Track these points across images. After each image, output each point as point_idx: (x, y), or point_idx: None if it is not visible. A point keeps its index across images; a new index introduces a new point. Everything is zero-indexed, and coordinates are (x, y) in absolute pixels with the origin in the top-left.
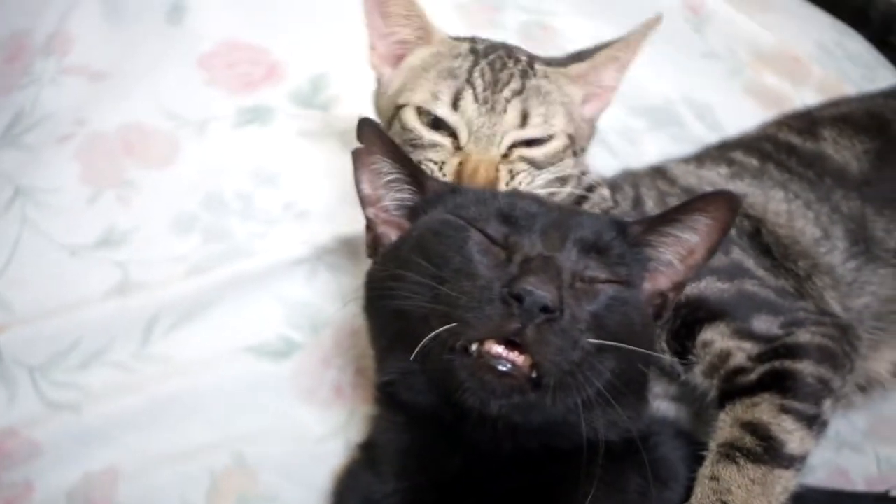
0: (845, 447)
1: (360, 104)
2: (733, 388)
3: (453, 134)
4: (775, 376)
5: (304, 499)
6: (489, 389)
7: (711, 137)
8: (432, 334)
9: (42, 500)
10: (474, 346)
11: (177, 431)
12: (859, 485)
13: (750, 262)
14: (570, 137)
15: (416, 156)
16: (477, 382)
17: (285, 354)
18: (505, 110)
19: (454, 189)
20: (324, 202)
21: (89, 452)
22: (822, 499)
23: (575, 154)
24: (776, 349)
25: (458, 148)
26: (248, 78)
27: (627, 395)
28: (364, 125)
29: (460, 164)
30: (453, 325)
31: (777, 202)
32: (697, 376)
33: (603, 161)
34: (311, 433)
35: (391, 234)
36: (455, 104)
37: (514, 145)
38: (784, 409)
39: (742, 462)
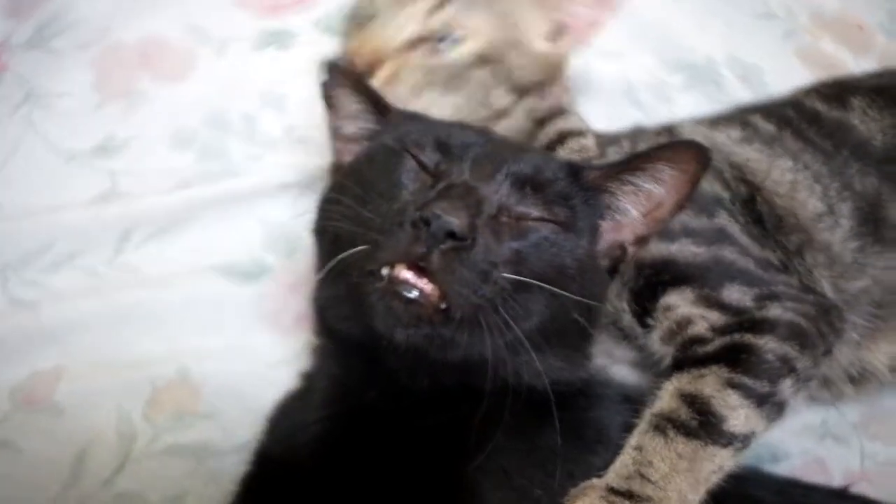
0: (829, 437)
1: None
2: (686, 358)
3: None
4: (732, 349)
5: (241, 420)
6: (395, 316)
7: None
8: (342, 255)
9: None
10: (385, 271)
11: (128, 340)
12: (836, 478)
13: (735, 228)
14: (491, 54)
15: None
16: (384, 308)
17: (254, 276)
18: None
19: (410, 116)
20: (325, 130)
21: (41, 351)
22: (769, 484)
23: (518, 89)
24: (742, 322)
25: None
26: (278, 0)
27: (558, 344)
28: (327, 66)
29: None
30: (365, 247)
31: (781, 171)
32: (655, 342)
33: (630, 117)
34: (264, 357)
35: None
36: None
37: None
38: (731, 384)
39: (672, 434)
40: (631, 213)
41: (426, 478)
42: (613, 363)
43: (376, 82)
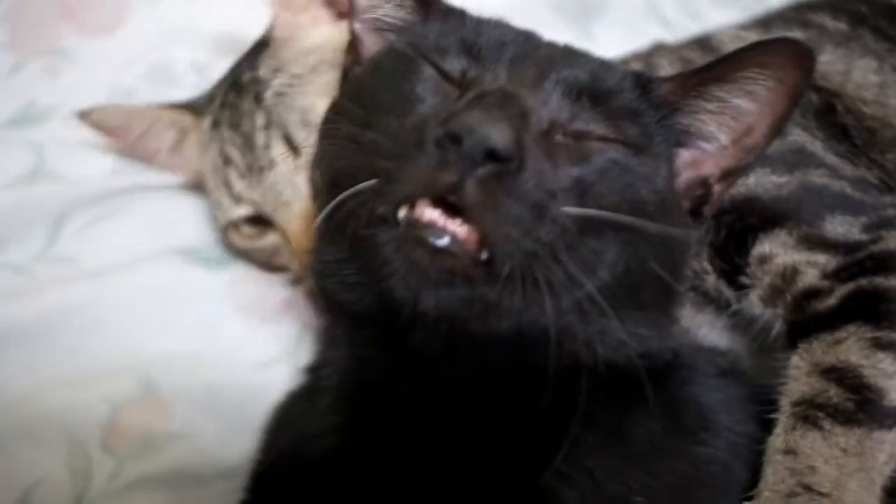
0: None
1: None
2: (807, 320)
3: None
4: (863, 299)
5: (225, 438)
6: (420, 273)
7: None
8: (342, 196)
9: None
10: (402, 212)
11: (75, 349)
12: None
13: (816, 146)
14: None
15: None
16: (404, 262)
17: (225, 259)
18: (271, 161)
19: (454, 13)
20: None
21: None
22: None
23: None
24: (861, 261)
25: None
26: None
27: (637, 305)
28: None
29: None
30: (373, 181)
31: (864, 72)
32: (755, 304)
33: (654, 38)
34: (247, 357)
35: None
36: (235, 196)
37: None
38: (879, 344)
39: (828, 425)
40: (716, 137)
41: (487, 496)
42: (698, 327)
43: None
